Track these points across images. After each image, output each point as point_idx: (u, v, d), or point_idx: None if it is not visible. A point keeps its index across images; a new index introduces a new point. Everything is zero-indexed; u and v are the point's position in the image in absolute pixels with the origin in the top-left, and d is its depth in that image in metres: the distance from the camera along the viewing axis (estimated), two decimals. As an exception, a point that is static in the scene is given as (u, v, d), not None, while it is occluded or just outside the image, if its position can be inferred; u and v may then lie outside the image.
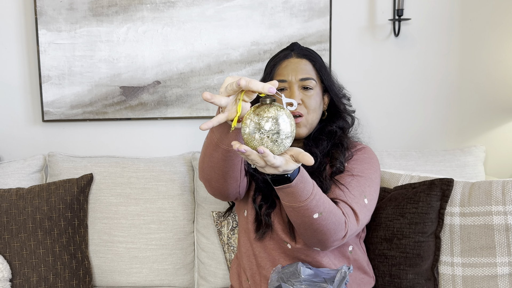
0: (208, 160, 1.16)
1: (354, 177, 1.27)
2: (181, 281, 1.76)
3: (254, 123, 0.90)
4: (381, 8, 1.90)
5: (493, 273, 1.39)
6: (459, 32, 1.92)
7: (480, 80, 1.94)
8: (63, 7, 1.85)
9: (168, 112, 1.92)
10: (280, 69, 1.35)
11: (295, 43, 1.42)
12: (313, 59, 1.37)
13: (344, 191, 1.23)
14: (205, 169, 1.20)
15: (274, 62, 1.38)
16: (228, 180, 1.20)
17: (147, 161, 1.81)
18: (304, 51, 1.38)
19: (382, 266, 1.44)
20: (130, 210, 1.73)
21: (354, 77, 1.93)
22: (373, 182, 1.31)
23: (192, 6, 1.86)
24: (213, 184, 1.22)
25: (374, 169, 1.34)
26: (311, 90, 1.32)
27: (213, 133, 1.08)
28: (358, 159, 1.33)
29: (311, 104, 1.31)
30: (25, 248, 1.59)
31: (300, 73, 1.32)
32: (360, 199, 1.24)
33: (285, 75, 1.33)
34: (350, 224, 1.18)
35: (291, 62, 1.34)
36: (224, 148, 1.08)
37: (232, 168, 1.16)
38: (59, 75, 1.88)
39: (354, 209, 1.21)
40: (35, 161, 1.83)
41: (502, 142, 1.98)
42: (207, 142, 1.13)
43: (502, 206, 1.40)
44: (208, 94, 0.90)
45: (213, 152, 1.11)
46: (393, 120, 1.97)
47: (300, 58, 1.35)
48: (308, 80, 1.32)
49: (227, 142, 1.06)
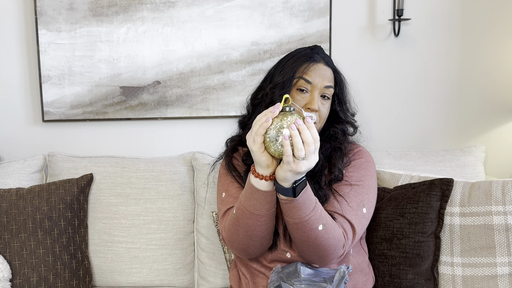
0: (243, 231, 1.19)
1: (352, 187, 1.28)
2: (181, 281, 1.76)
3: (275, 129, 1.00)
4: (381, 8, 1.90)
5: (493, 273, 1.38)
6: (459, 32, 1.92)
7: (480, 80, 1.94)
8: (63, 7, 1.85)
9: (168, 112, 1.92)
10: (308, 70, 1.31)
11: (319, 46, 1.39)
12: (336, 70, 1.37)
13: (342, 203, 1.24)
14: (240, 240, 1.22)
15: (299, 59, 1.33)
16: (265, 243, 1.24)
17: (147, 161, 1.81)
18: (329, 59, 1.37)
19: (382, 266, 1.44)
20: (130, 210, 1.73)
21: (354, 77, 1.92)
22: (371, 189, 1.31)
23: (192, 6, 1.86)
24: (251, 251, 1.25)
25: (371, 174, 1.34)
26: (328, 100, 1.32)
27: (244, 203, 1.14)
28: (356, 165, 1.33)
29: (324, 114, 1.31)
30: (25, 248, 1.59)
31: (326, 80, 1.31)
32: (359, 210, 1.25)
33: (313, 77, 1.30)
34: (348, 241, 1.22)
35: (320, 67, 1.32)
36: (259, 213, 1.14)
37: (269, 231, 1.20)
38: (59, 75, 1.88)
39: (352, 223, 1.23)
40: (35, 161, 1.83)
41: (502, 142, 1.98)
42: (238, 213, 1.17)
43: (502, 206, 1.40)
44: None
45: (248, 221, 1.16)
46: (393, 120, 1.97)
47: (327, 66, 1.34)
48: (330, 89, 1.32)
49: (262, 207, 1.13)
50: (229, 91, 1.91)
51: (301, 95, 1.29)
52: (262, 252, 1.27)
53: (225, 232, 1.26)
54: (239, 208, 1.16)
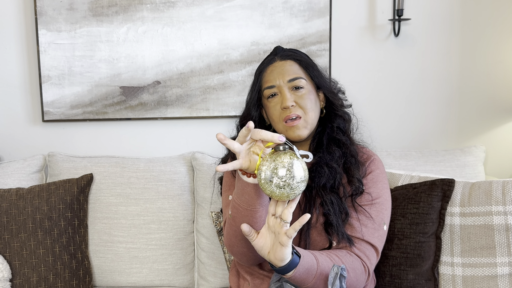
0: (241, 232, 1.16)
1: (373, 206, 1.26)
2: (181, 281, 1.76)
3: (269, 169, 0.96)
4: (381, 8, 1.90)
5: (493, 273, 1.38)
6: (459, 32, 1.92)
7: (480, 80, 1.95)
8: (63, 7, 1.85)
9: (168, 112, 1.92)
10: (266, 76, 1.31)
11: (278, 46, 1.37)
12: (297, 58, 1.32)
13: (365, 225, 1.23)
14: (239, 242, 1.20)
15: (259, 70, 1.34)
16: None
17: (147, 161, 1.81)
18: (287, 52, 1.34)
19: (382, 266, 1.44)
20: (130, 210, 1.73)
21: (354, 77, 1.93)
22: (388, 203, 1.30)
23: (192, 6, 1.86)
24: (251, 254, 1.22)
25: (387, 186, 1.33)
26: (302, 89, 1.28)
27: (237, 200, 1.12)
28: (373, 179, 1.30)
29: (306, 104, 1.27)
30: (25, 248, 1.59)
31: (286, 74, 1.28)
32: (380, 229, 1.25)
33: (272, 80, 1.29)
34: (371, 266, 1.22)
35: (275, 66, 1.30)
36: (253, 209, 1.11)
37: None
38: (59, 75, 1.88)
39: (375, 246, 1.23)
40: (35, 161, 1.83)
41: (502, 142, 1.98)
42: (234, 212, 1.15)
43: (502, 206, 1.40)
44: (222, 135, 0.96)
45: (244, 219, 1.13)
46: (393, 120, 1.97)
47: (284, 60, 1.31)
48: (297, 80, 1.28)
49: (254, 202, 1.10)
50: (229, 91, 1.91)
51: (273, 102, 1.28)
52: (262, 258, 1.26)
53: (225, 237, 1.25)
54: (234, 207, 1.15)
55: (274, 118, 1.29)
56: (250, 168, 1.03)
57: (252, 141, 1.01)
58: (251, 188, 1.08)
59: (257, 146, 1.02)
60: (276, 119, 1.29)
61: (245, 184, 1.08)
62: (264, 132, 0.97)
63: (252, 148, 1.02)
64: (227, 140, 0.97)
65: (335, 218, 1.21)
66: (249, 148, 1.02)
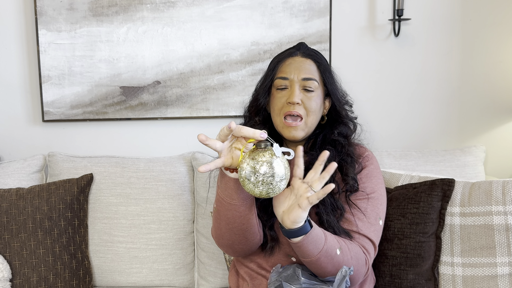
0: (225, 224, 1.18)
1: (368, 201, 1.26)
2: (181, 281, 1.76)
3: (250, 167, 0.97)
4: (381, 8, 1.90)
5: (493, 273, 1.38)
6: (459, 32, 1.92)
7: (480, 80, 1.95)
8: (63, 7, 1.85)
9: (168, 112, 1.92)
10: (283, 66, 1.30)
11: (302, 43, 1.37)
12: (318, 60, 1.32)
13: (360, 219, 1.23)
14: (223, 234, 1.21)
15: (278, 59, 1.34)
16: (250, 238, 1.22)
17: (147, 161, 1.81)
18: (310, 51, 1.34)
19: (382, 266, 1.44)
20: (130, 210, 1.73)
21: (354, 77, 1.93)
22: (383, 198, 1.30)
23: (192, 6, 1.86)
24: (236, 247, 1.24)
25: (381, 181, 1.33)
26: (312, 92, 1.28)
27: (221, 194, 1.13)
28: (368, 174, 1.30)
29: (311, 106, 1.27)
30: (25, 248, 1.59)
31: (303, 72, 1.28)
32: (376, 224, 1.25)
33: (287, 72, 1.28)
34: (370, 258, 1.22)
35: (295, 61, 1.30)
36: (236, 203, 1.12)
37: (249, 223, 1.18)
38: (59, 75, 1.88)
39: (372, 239, 1.23)
40: (35, 161, 1.83)
41: (502, 142, 1.98)
42: (218, 206, 1.17)
43: (502, 206, 1.40)
44: (203, 136, 0.97)
45: (227, 212, 1.15)
46: (393, 120, 1.97)
47: (305, 58, 1.31)
48: (311, 81, 1.27)
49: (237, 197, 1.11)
50: (229, 91, 1.91)
51: (280, 94, 1.28)
52: (250, 249, 1.26)
53: (212, 231, 1.27)
54: (218, 200, 1.16)
55: (276, 109, 1.29)
56: (233, 164, 1.04)
57: (234, 137, 1.03)
58: (233, 183, 1.10)
59: (239, 142, 1.03)
60: (278, 111, 1.29)
61: (228, 179, 1.10)
62: (245, 129, 0.98)
63: (234, 144, 1.04)
64: (209, 140, 0.98)
65: (327, 217, 1.22)
66: (230, 145, 1.03)
